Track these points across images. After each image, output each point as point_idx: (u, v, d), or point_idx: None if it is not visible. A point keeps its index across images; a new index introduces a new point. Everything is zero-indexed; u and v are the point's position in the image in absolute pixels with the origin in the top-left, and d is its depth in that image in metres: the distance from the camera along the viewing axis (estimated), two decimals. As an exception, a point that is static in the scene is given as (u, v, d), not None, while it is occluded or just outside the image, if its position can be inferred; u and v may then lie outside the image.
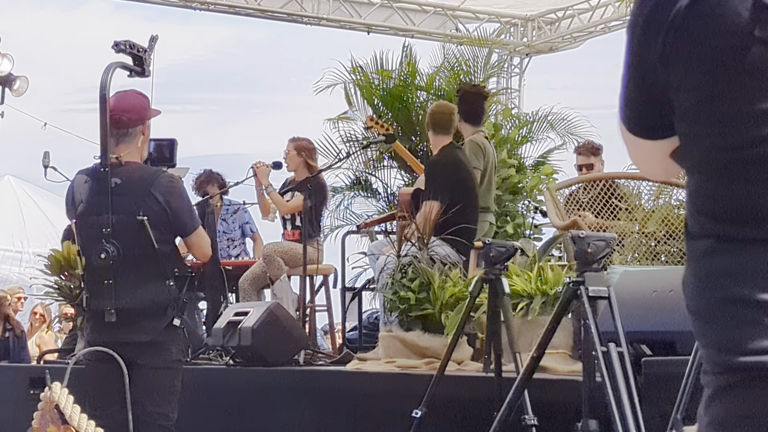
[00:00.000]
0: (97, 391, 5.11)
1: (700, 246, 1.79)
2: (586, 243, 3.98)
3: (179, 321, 5.21)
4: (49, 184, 9.83)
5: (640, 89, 1.86)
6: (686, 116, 1.79)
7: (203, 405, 6.87)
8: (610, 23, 14.35)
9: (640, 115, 1.90)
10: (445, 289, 6.38)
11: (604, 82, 42.72)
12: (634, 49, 1.84)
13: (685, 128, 1.81)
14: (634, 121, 1.91)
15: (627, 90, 1.88)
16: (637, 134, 1.91)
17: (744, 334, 1.71)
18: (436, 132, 8.09)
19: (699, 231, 1.80)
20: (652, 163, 1.95)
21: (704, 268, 1.78)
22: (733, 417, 1.73)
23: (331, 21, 14.31)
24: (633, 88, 1.87)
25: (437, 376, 5.20)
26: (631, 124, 1.91)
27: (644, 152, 1.94)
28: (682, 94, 1.78)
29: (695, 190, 1.82)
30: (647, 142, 1.91)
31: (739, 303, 1.72)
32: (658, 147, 1.89)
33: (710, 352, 1.78)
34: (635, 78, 1.86)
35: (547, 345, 4.16)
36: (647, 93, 1.85)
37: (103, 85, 5.16)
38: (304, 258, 8.06)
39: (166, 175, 5.33)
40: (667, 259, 6.67)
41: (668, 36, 1.76)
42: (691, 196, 1.83)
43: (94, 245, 5.10)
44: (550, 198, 7.32)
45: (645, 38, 1.81)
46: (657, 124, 1.86)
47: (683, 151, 1.84)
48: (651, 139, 1.90)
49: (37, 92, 10.36)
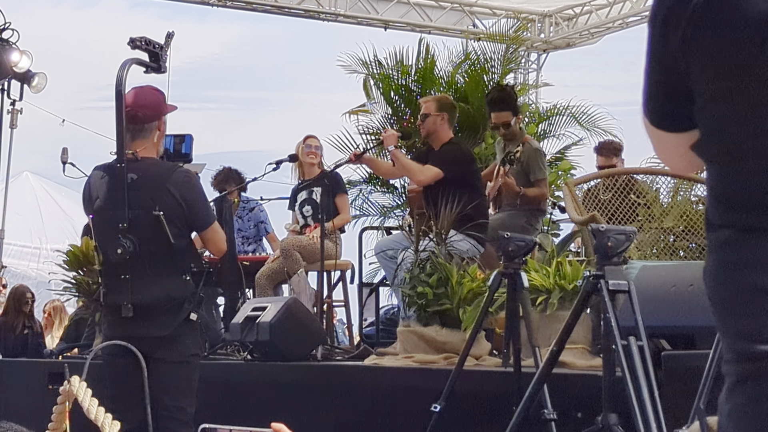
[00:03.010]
0: (115, 386, 5.13)
1: (720, 236, 1.80)
2: (606, 237, 3.96)
3: (196, 315, 5.22)
4: (67, 181, 9.85)
5: (662, 82, 1.87)
6: (706, 107, 1.80)
7: (221, 400, 6.88)
8: (628, 19, 14.30)
9: (662, 107, 1.90)
10: (462, 285, 6.38)
11: (620, 79, 42.64)
12: (655, 42, 1.85)
13: (706, 119, 1.81)
14: (657, 114, 1.92)
15: (649, 83, 1.89)
16: (661, 127, 1.92)
17: (764, 322, 1.72)
18: (450, 124, 8.01)
19: (719, 221, 1.81)
20: (676, 156, 1.96)
21: (724, 257, 1.79)
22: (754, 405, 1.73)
23: (348, 17, 14.30)
24: (655, 81, 1.88)
25: (456, 370, 5.19)
26: (654, 117, 1.92)
27: (668, 145, 1.95)
28: (703, 85, 1.79)
29: (715, 181, 1.82)
30: (670, 134, 1.92)
31: (759, 292, 1.73)
32: (682, 139, 1.90)
33: (730, 341, 1.78)
34: (657, 71, 1.87)
35: (567, 339, 4.14)
36: (669, 85, 1.86)
37: (118, 81, 5.17)
38: (322, 253, 8.06)
39: (182, 170, 5.33)
40: (686, 255, 6.65)
41: (688, 28, 1.77)
42: (711, 186, 1.83)
43: (110, 240, 5.11)
44: (569, 193, 7.30)
45: (665, 31, 1.81)
46: (679, 116, 1.87)
47: (703, 142, 1.85)
48: (674, 131, 1.91)
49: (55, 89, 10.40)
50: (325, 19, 14.32)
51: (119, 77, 5.16)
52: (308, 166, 9.00)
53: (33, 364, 9.43)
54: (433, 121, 7.90)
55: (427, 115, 7.91)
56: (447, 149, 7.85)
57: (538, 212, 8.47)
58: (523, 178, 8.24)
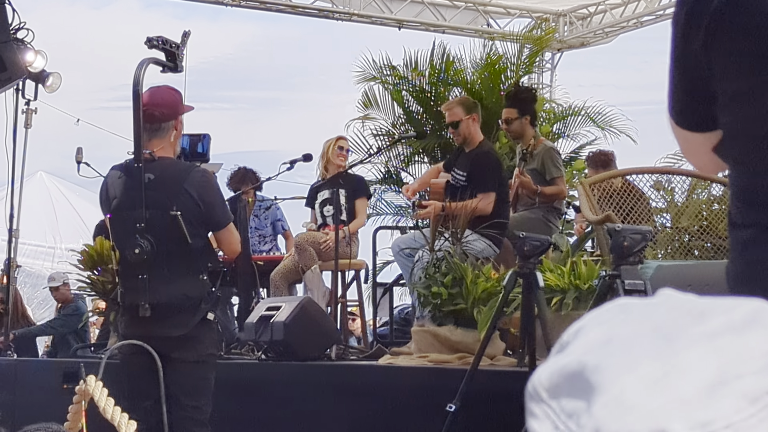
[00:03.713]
0: (132, 385, 5.13)
1: (743, 235, 1.79)
2: (622, 236, 3.96)
3: (213, 315, 5.22)
4: (81, 180, 9.86)
5: (686, 82, 1.86)
6: (728, 106, 1.79)
7: (235, 399, 6.88)
8: (642, 18, 14.26)
9: (686, 107, 1.90)
10: (477, 284, 6.37)
11: (635, 79, 42.54)
12: (678, 42, 1.84)
13: (729, 118, 1.81)
14: (682, 114, 1.91)
15: (673, 83, 1.89)
16: (685, 127, 1.91)
17: None
18: (479, 122, 8.01)
19: (742, 220, 1.80)
20: (702, 155, 1.95)
21: (747, 256, 1.78)
22: None
23: (362, 17, 14.30)
24: (679, 81, 1.88)
25: (471, 370, 5.18)
26: (679, 117, 1.91)
27: (693, 145, 1.94)
28: (725, 83, 1.78)
29: (737, 180, 1.82)
30: (696, 134, 1.91)
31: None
32: (706, 139, 1.89)
33: None
34: (680, 71, 1.86)
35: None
36: (692, 85, 1.85)
37: (136, 81, 5.15)
38: (336, 251, 8.05)
39: (200, 170, 5.33)
40: (701, 255, 6.63)
41: (710, 26, 1.76)
42: (735, 186, 1.82)
43: (128, 240, 5.11)
44: (584, 193, 7.28)
45: (688, 30, 1.81)
46: (703, 116, 1.86)
47: (727, 141, 1.84)
48: (699, 131, 1.90)
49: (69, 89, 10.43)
50: (339, 19, 14.32)
51: (136, 77, 5.14)
52: (335, 167, 8.95)
53: (48, 363, 9.48)
54: (466, 125, 7.89)
55: (458, 122, 7.89)
56: (477, 155, 7.84)
57: (555, 210, 8.46)
58: (540, 179, 8.22)
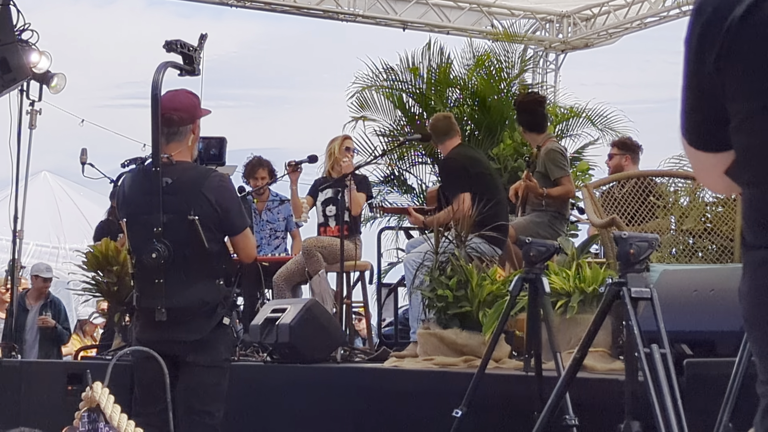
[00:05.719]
0: (144, 390, 5.12)
1: (756, 256, 1.79)
2: (628, 244, 3.96)
3: (228, 320, 5.21)
4: (85, 180, 9.88)
5: (698, 102, 1.86)
6: (742, 126, 1.79)
7: (241, 401, 6.89)
8: (646, 19, 14.27)
9: (699, 127, 1.89)
10: (482, 287, 6.37)
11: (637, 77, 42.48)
12: (690, 62, 1.84)
13: (742, 139, 1.80)
14: (694, 134, 1.90)
15: (686, 103, 1.88)
16: (698, 147, 1.90)
17: None
18: (440, 140, 8.21)
19: (754, 241, 1.79)
20: (714, 176, 1.94)
21: (760, 278, 1.78)
22: None
23: (366, 18, 14.30)
24: (691, 101, 1.87)
25: (477, 376, 5.18)
26: (691, 137, 1.91)
27: (706, 166, 1.93)
28: (738, 104, 1.78)
29: (750, 201, 1.81)
30: (708, 155, 1.90)
31: None
32: (719, 160, 1.89)
33: (766, 363, 1.77)
34: (693, 91, 1.86)
35: (589, 346, 4.14)
36: (705, 105, 1.85)
37: (154, 84, 5.09)
38: (342, 253, 8.06)
39: (217, 175, 5.30)
40: (705, 256, 6.63)
41: (723, 47, 1.76)
42: (747, 207, 1.82)
43: (144, 244, 5.07)
44: (588, 195, 7.28)
45: (701, 51, 1.80)
46: (716, 136, 1.86)
47: (740, 163, 1.83)
48: (711, 151, 1.89)
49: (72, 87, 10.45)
50: (344, 20, 14.32)
51: (155, 80, 5.09)
52: (341, 167, 8.96)
53: (52, 365, 9.47)
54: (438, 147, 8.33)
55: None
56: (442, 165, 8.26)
57: (561, 216, 8.47)
58: (545, 181, 8.24)
